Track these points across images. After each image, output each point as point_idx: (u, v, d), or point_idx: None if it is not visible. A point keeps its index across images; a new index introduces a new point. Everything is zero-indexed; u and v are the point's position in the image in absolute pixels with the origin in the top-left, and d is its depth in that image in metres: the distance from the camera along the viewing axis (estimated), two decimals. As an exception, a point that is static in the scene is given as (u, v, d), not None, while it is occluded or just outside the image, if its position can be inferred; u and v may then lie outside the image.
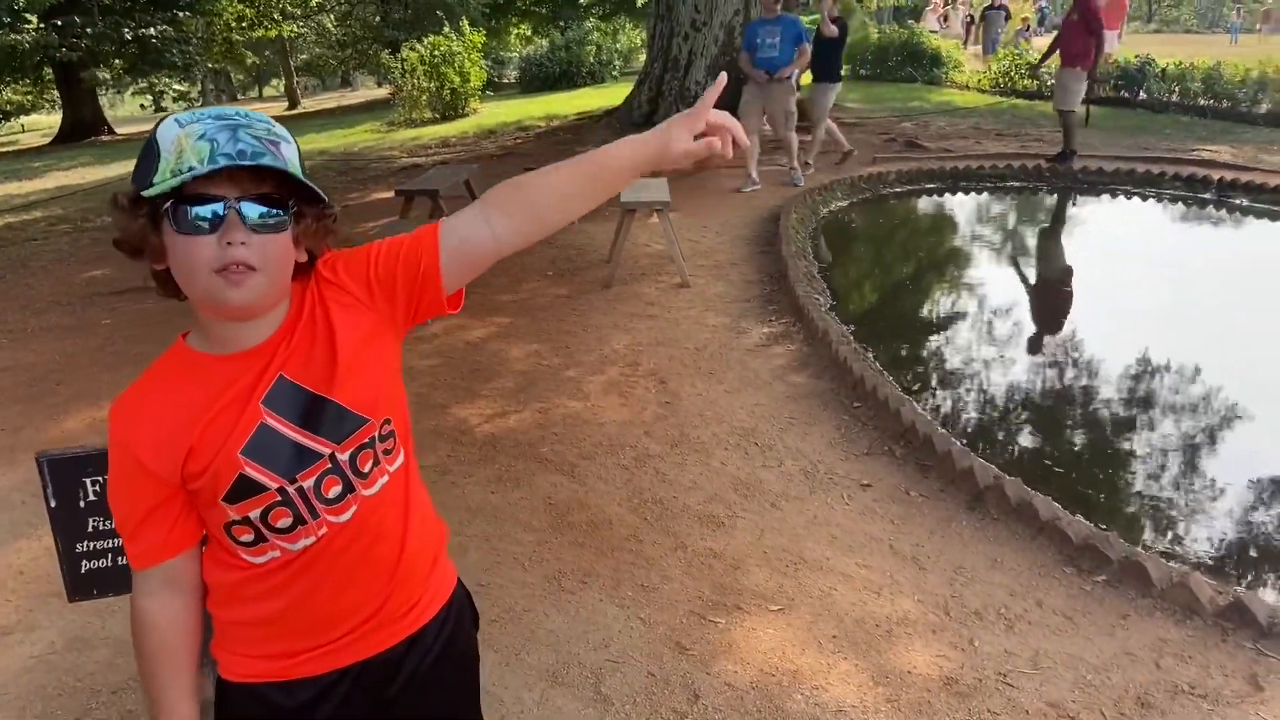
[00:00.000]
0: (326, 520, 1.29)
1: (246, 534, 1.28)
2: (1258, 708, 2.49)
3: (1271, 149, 10.87)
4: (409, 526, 1.38)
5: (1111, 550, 3.10)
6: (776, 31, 8.93)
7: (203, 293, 1.18)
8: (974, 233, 8.80)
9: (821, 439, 4.15)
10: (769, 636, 2.86)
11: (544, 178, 1.32)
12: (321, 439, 1.27)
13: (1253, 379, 4.91)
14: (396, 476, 1.35)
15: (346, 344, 1.28)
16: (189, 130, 1.15)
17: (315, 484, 1.27)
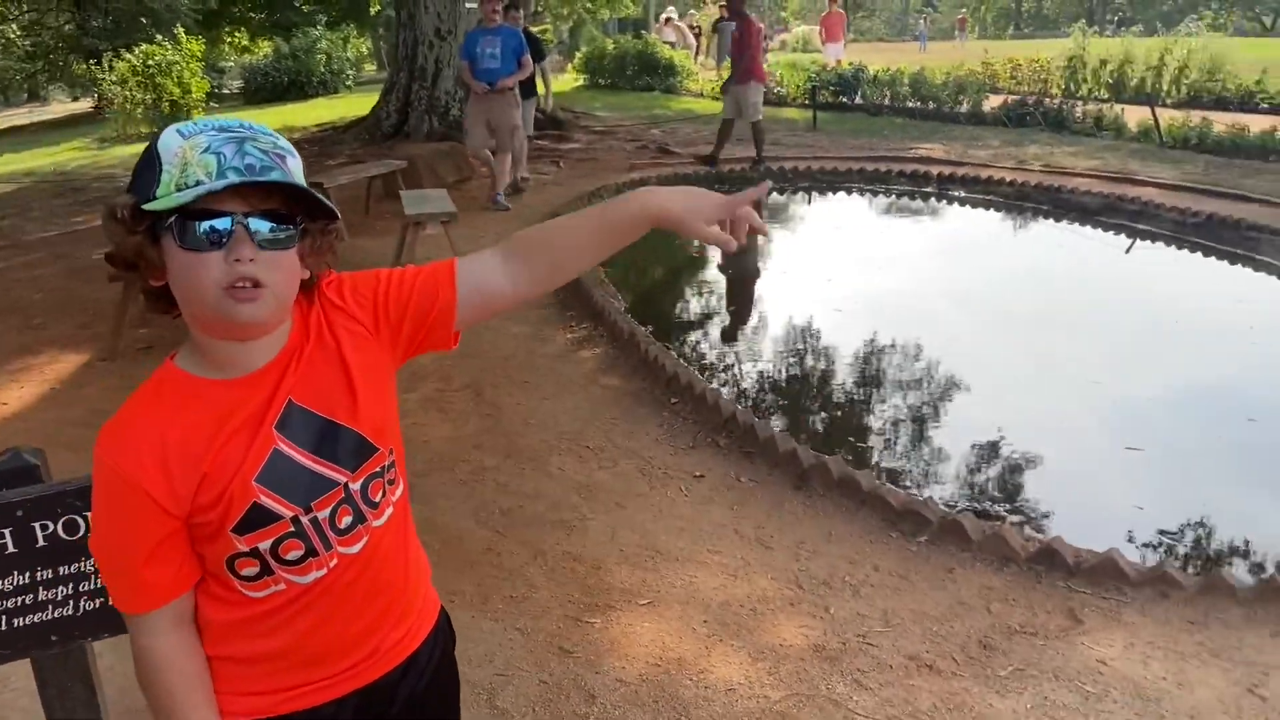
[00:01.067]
0: (338, 552, 1.24)
1: (251, 567, 1.20)
2: (1080, 638, 2.86)
3: (976, 145, 12.26)
4: (409, 555, 1.36)
5: (930, 512, 3.43)
6: (496, 42, 8.67)
7: (210, 311, 1.11)
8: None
9: (647, 436, 4.29)
10: (646, 630, 2.94)
11: (567, 230, 1.33)
12: (337, 467, 1.22)
13: (1008, 350, 5.56)
14: (399, 506, 1.33)
15: (360, 371, 1.24)
16: (193, 142, 1.09)
17: (330, 514, 1.22)
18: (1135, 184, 9.57)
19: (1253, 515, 3.72)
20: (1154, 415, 4.66)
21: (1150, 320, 6.16)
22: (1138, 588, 3.06)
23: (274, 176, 1.10)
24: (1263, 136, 10.75)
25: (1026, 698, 2.62)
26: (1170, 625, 2.91)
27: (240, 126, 1.12)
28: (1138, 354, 5.53)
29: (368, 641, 1.31)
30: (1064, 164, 10.73)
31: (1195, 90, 15.74)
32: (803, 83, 17.22)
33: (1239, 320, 6.03)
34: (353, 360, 1.24)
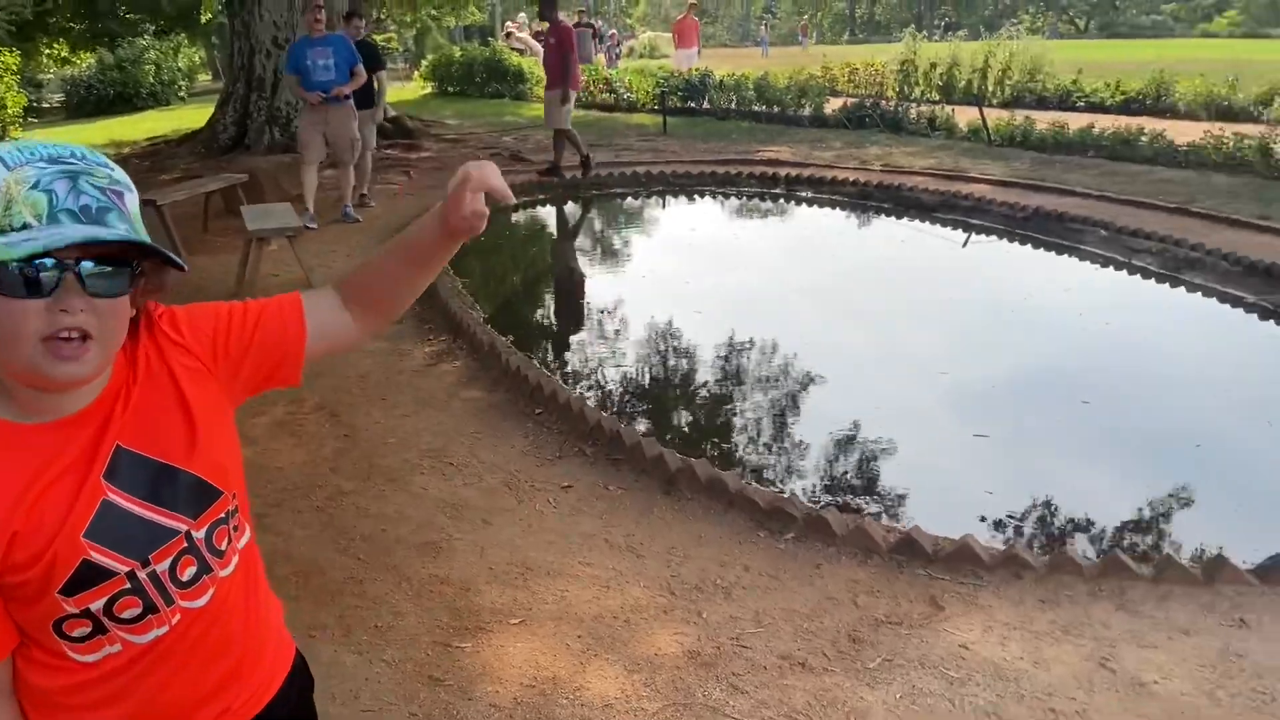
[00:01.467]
0: (181, 606, 1.13)
1: (81, 628, 1.08)
2: (943, 624, 2.95)
3: (820, 146, 12.64)
4: (259, 602, 1.27)
5: (795, 510, 3.49)
6: (328, 52, 8.24)
7: (25, 364, 0.99)
8: (598, 237, 9.33)
9: (513, 449, 4.21)
10: (519, 650, 2.87)
11: (380, 267, 1.28)
12: (176, 515, 1.12)
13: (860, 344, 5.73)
14: (245, 554, 1.23)
15: (200, 409, 1.14)
16: (20, 175, 0.96)
17: (171, 566, 1.12)
18: (968, 181, 10.05)
19: (1092, 493, 3.93)
20: (997, 402, 4.88)
21: (989, 311, 6.48)
22: (992, 571, 3.18)
23: (112, 220, 1.00)
24: (1081, 133, 11.47)
25: (895, 688, 2.68)
26: (1024, 605, 3.04)
27: (72, 156, 1.00)
28: (979, 344, 5.80)
29: (218, 700, 1.21)
30: (902, 163, 11.18)
31: (1018, 91, 16.70)
32: (652, 88, 17.40)
33: (1069, 308, 6.41)
34: (191, 397, 1.14)
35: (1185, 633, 2.87)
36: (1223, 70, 15.63)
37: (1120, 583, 3.09)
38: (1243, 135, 10.03)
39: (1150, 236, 7.51)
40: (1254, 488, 3.98)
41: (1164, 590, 3.06)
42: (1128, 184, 9.54)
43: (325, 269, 7.08)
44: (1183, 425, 4.55)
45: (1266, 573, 3.03)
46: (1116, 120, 12.07)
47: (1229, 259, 6.80)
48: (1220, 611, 2.95)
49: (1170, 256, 7.23)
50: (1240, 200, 8.61)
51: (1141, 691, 2.63)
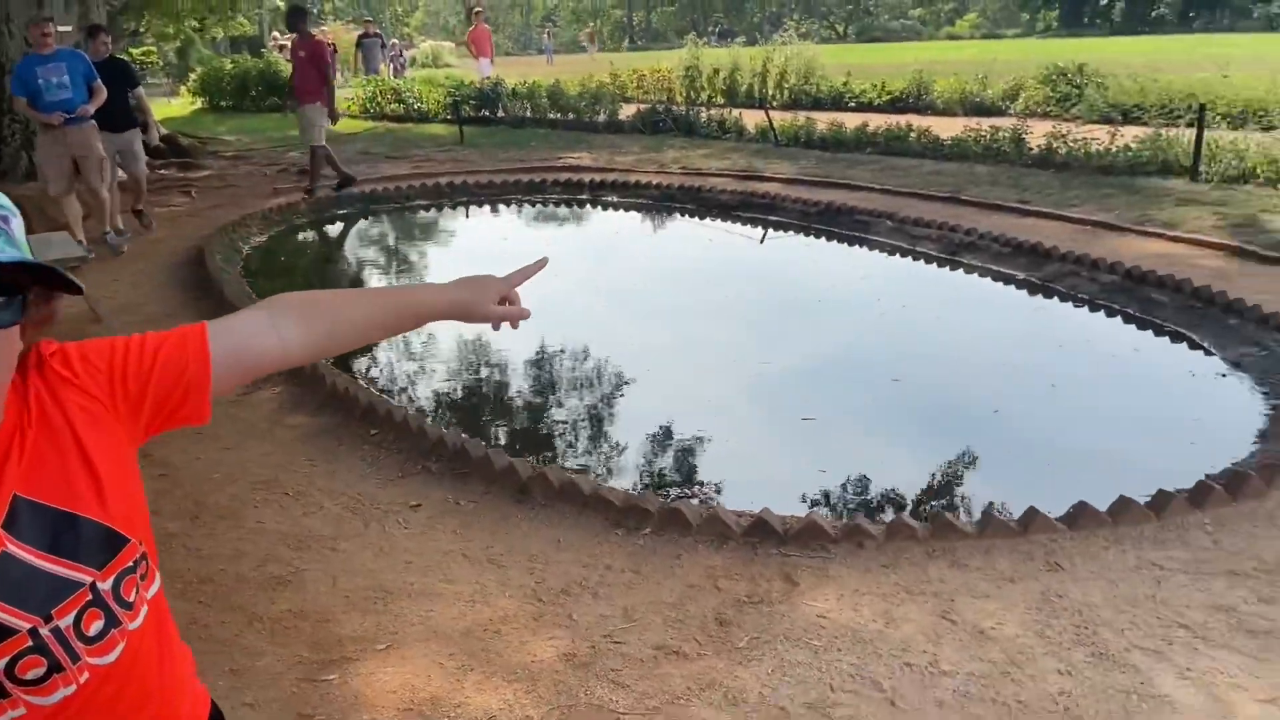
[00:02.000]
0: (88, 664, 1.04)
1: (35, 669, 0.99)
2: (800, 598, 3.10)
3: (619, 152, 12.88)
4: (172, 653, 1.18)
5: (650, 505, 3.57)
6: (61, 69, 7.44)
7: None
8: (407, 249, 9.14)
9: (351, 473, 4.07)
10: (390, 675, 2.79)
11: (342, 298, 1.28)
12: (80, 566, 1.03)
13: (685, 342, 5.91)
14: (155, 603, 1.14)
15: (100, 452, 1.06)
16: None
17: (75, 620, 1.03)
18: (762, 180, 10.54)
19: (914, 460, 4.25)
20: (818, 386, 5.17)
21: (798, 302, 6.84)
22: (838, 543, 3.37)
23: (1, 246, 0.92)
24: (857, 132, 12.26)
25: (766, 663, 2.80)
26: (869, 572, 3.24)
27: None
28: (793, 333, 6.11)
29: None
30: (699, 165, 11.58)
31: (795, 93, 17.65)
32: (443, 98, 17.18)
33: (868, 294, 6.86)
34: (90, 441, 1.05)
35: (1010, 580, 3.15)
36: (971, 69, 17.10)
37: (950, 542, 3.36)
38: (997, 128, 11.03)
39: (929, 225, 8.14)
40: (1051, 444, 4.42)
41: (987, 544, 3.34)
42: (903, 177, 10.28)
43: (108, 299, 6.58)
44: (981, 394, 4.98)
45: (1073, 520, 3.37)
46: (886, 119, 12.97)
47: (999, 241, 7.47)
48: (1038, 559, 3.26)
49: (948, 242, 7.86)
50: (1001, 187, 9.47)
51: (982, 637, 2.87)
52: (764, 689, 2.68)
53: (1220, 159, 9.03)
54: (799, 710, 2.58)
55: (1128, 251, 6.94)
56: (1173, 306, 5.88)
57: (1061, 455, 4.27)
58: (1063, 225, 7.90)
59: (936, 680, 2.68)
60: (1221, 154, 9.09)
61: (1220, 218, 7.67)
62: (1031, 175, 9.85)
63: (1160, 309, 5.91)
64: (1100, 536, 3.33)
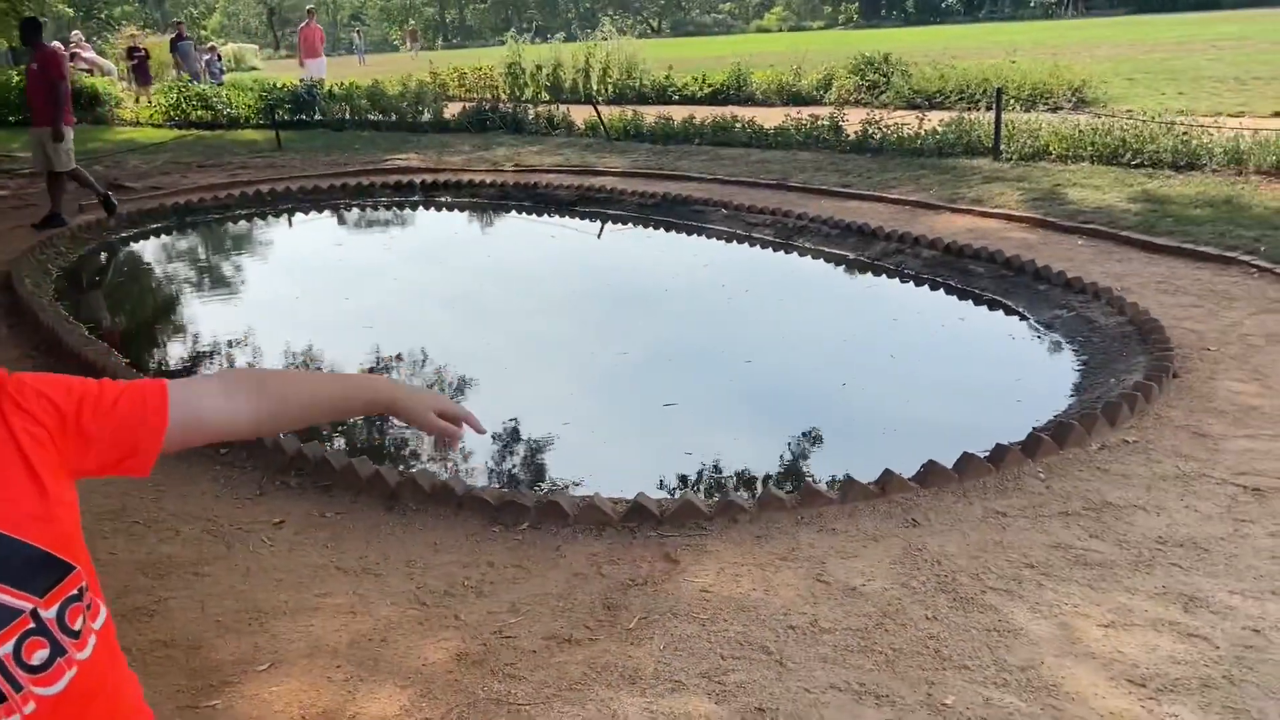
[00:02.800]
0: (33, 694, 1.01)
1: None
2: (682, 575, 3.19)
3: (448, 151, 12.71)
4: (122, 682, 1.15)
5: (526, 500, 3.58)
6: None
7: None
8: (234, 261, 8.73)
9: (204, 495, 3.89)
10: (276, 694, 2.70)
11: (292, 378, 1.33)
12: (19, 593, 0.99)
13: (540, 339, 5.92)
14: (103, 634, 1.11)
15: (47, 474, 1.03)
16: None
17: (15, 648, 0.99)
18: (596, 175, 10.64)
19: (775, 436, 4.43)
20: (675, 373, 5.29)
21: (645, 292, 6.96)
22: (713, 520, 3.48)
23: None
24: (684, 124, 12.54)
25: (657, 640, 2.87)
26: (745, 544, 3.37)
27: None
28: (644, 323, 6.22)
29: None
30: (532, 162, 11.58)
31: (620, 88, 17.87)
32: (255, 102, 16.46)
33: (711, 281, 7.05)
34: (38, 464, 1.02)
35: (874, 539, 3.35)
36: (785, 61, 17.78)
37: (817, 509, 3.53)
38: (816, 117, 11.52)
39: (763, 211, 8.45)
40: (896, 410, 4.70)
41: (850, 508, 3.53)
42: (733, 166, 10.60)
43: (-95, 332, 6.01)
44: (828, 369, 5.23)
45: (924, 478, 3.60)
46: (710, 110, 13.33)
47: (829, 224, 7.83)
48: (897, 517, 3.47)
49: (781, 227, 8.18)
50: (824, 172, 9.92)
51: (855, 594, 3.03)
52: (658, 664, 2.75)
53: (1017, 139, 9.77)
54: (695, 680, 2.67)
55: (944, 228, 7.42)
56: (989, 276, 6.33)
57: (907, 420, 4.55)
58: (884, 206, 8.36)
59: (818, 638, 2.82)
60: (1018, 134, 9.84)
61: (1023, 193, 8.30)
62: (851, 160, 10.35)
63: (978, 280, 6.36)
64: (949, 492, 3.58)
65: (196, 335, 6.58)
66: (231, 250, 9.33)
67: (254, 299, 7.34)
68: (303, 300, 7.18)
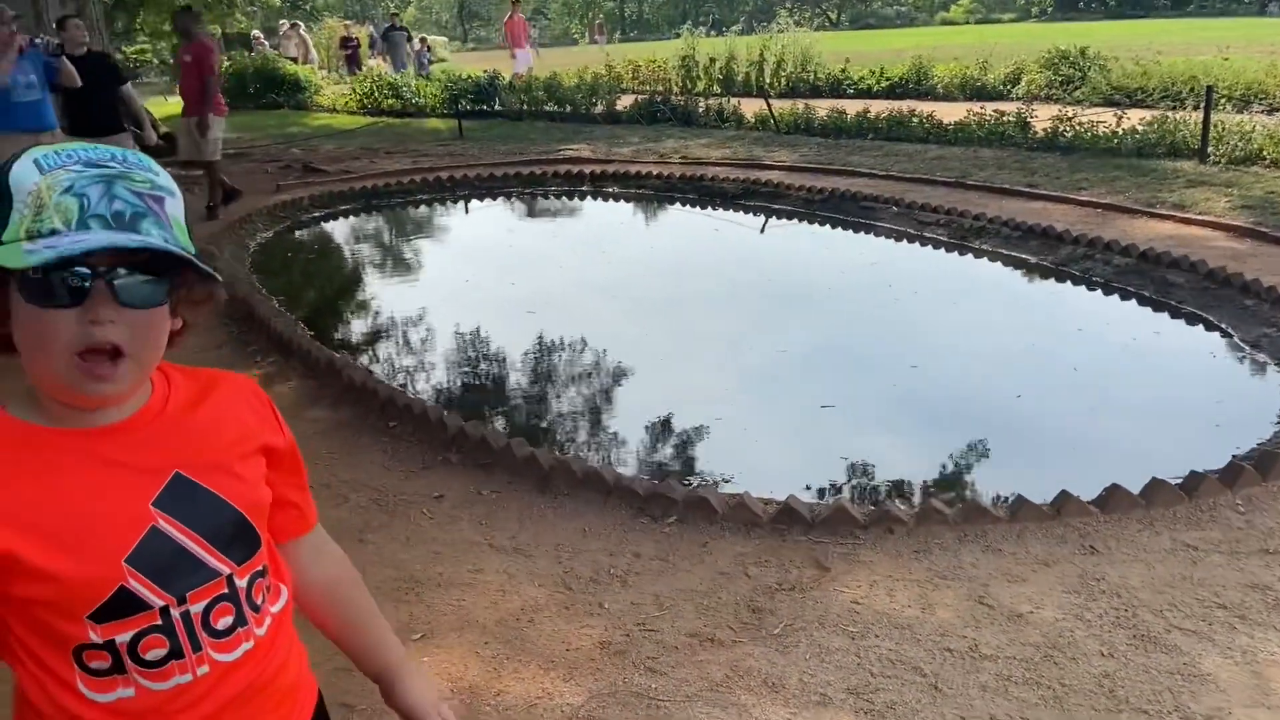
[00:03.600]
0: (210, 656, 1.03)
1: (100, 661, 0.98)
2: (832, 584, 3.08)
3: (618, 143, 12.84)
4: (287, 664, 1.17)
5: (675, 493, 3.54)
6: (28, 69, 6.80)
7: (55, 378, 0.92)
8: (412, 244, 9.11)
9: (373, 465, 4.05)
10: (427, 664, 2.77)
11: (359, 599, 1.35)
12: (222, 556, 1.04)
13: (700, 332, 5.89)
14: (279, 617, 1.14)
15: (256, 453, 1.10)
16: (52, 179, 0.89)
17: (205, 609, 1.03)
18: (763, 168, 10.50)
19: (938, 446, 4.22)
20: (836, 374, 5.15)
21: (809, 289, 6.81)
22: (867, 529, 3.35)
23: (146, 227, 0.92)
24: (858, 118, 12.22)
25: (803, 649, 2.78)
26: (901, 558, 3.22)
27: (112, 160, 0.93)
28: (805, 321, 6.08)
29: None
30: (700, 155, 11.54)
31: (793, 81, 17.58)
32: (440, 93, 17.12)
33: (878, 280, 6.83)
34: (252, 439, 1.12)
35: (1045, 564, 3.13)
36: (970, 55, 17.05)
37: (982, 526, 3.34)
38: (1001, 112, 10.99)
39: (937, 210, 8.12)
40: (1077, 428, 4.40)
41: (1020, 528, 3.32)
42: (907, 163, 10.25)
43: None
44: (1002, 379, 4.95)
45: (1105, 503, 3.35)
46: (886, 105, 12.93)
47: (1009, 225, 7.45)
48: (1072, 542, 3.24)
49: (957, 227, 7.83)
50: (1007, 170, 9.44)
51: (1021, 621, 2.85)
52: (803, 675, 2.66)
53: (1227, 141, 9.01)
54: (840, 696, 2.56)
55: (1140, 234, 6.91)
56: (1188, 288, 5.86)
57: (1088, 439, 4.25)
58: (1072, 208, 7.87)
59: (978, 664, 2.66)
60: (1228, 136, 9.07)
61: (1231, 199, 7.65)
62: (1037, 158, 9.82)
63: (1176, 291, 5.89)
64: (1134, 519, 3.31)
65: (375, 312, 6.89)
66: (410, 233, 9.73)
67: (428, 280, 7.62)
68: (471, 283, 7.40)
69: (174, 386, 1.07)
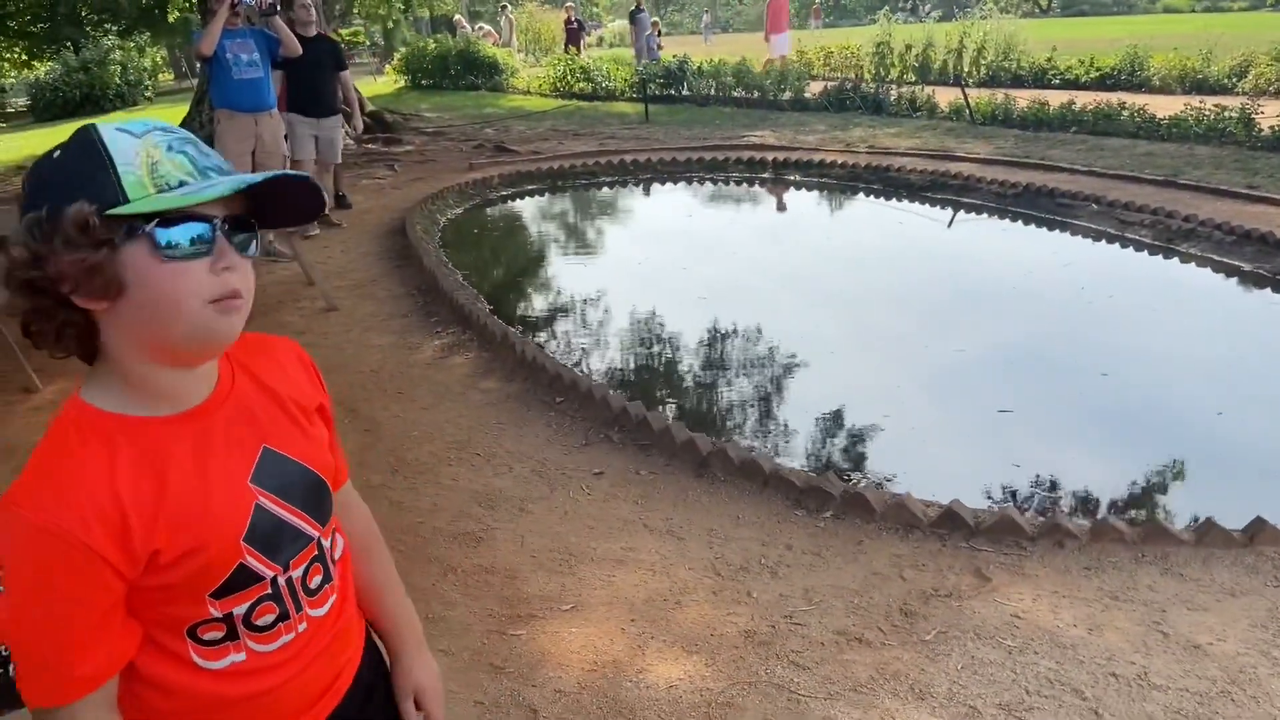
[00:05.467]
0: (308, 614, 1.13)
1: (215, 632, 1.06)
2: (992, 594, 2.96)
3: (804, 130, 12.66)
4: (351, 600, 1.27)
5: (833, 488, 3.49)
6: (251, 46, 6.76)
7: (188, 328, 0.96)
8: (592, 225, 9.30)
9: (537, 438, 4.18)
10: (574, 636, 2.85)
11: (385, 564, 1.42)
12: (311, 520, 1.12)
13: (875, 327, 5.75)
14: (343, 562, 1.23)
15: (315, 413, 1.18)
16: (152, 141, 0.95)
17: (303, 573, 1.12)
18: (954, 160, 10.09)
19: (1122, 460, 3.97)
20: (1016, 378, 4.91)
21: (994, 287, 6.51)
22: (1035, 541, 3.20)
23: (253, 179, 0.98)
24: (1062, 110, 11.55)
25: (955, 659, 2.69)
26: (1070, 574, 3.06)
27: (173, 128, 1.00)
28: (989, 320, 5.83)
29: (326, 693, 1.20)
30: (888, 144, 11.22)
31: (993, 70, 16.80)
32: (630, 77, 17.36)
33: (1071, 282, 6.45)
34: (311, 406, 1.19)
35: (1232, 594, 2.90)
36: (1192, 44, 15.78)
37: (1162, 548, 3.12)
38: (1223, 107, 10.14)
39: (1142, 209, 7.58)
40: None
41: (1205, 553, 3.09)
42: (1112, 158, 9.62)
43: (322, 264, 7.00)
44: (1201, 394, 4.59)
45: (1307, 533, 3.06)
46: (1094, 96, 12.16)
47: (1222, 229, 6.87)
48: (1264, 573, 2.98)
49: (1163, 228, 7.30)
50: (1225, 170, 8.71)
51: (1198, 653, 2.65)
52: (953, 685, 2.57)
53: None
54: (992, 710, 2.47)
55: (1377, 243, 6.24)
56: None
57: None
58: (1298, 213, 7.18)
59: (1146, 694, 2.49)
60: None
61: None
62: (1262, 159, 9.01)
63: None
64: (1340, 554, 3.02)
65: (553, 291, 7.09)
66: (593, 214, 9.94)
67: (605, 261, 7.77)
68: (646, 266, 7.49)
69: (230, 359, 1.11)
